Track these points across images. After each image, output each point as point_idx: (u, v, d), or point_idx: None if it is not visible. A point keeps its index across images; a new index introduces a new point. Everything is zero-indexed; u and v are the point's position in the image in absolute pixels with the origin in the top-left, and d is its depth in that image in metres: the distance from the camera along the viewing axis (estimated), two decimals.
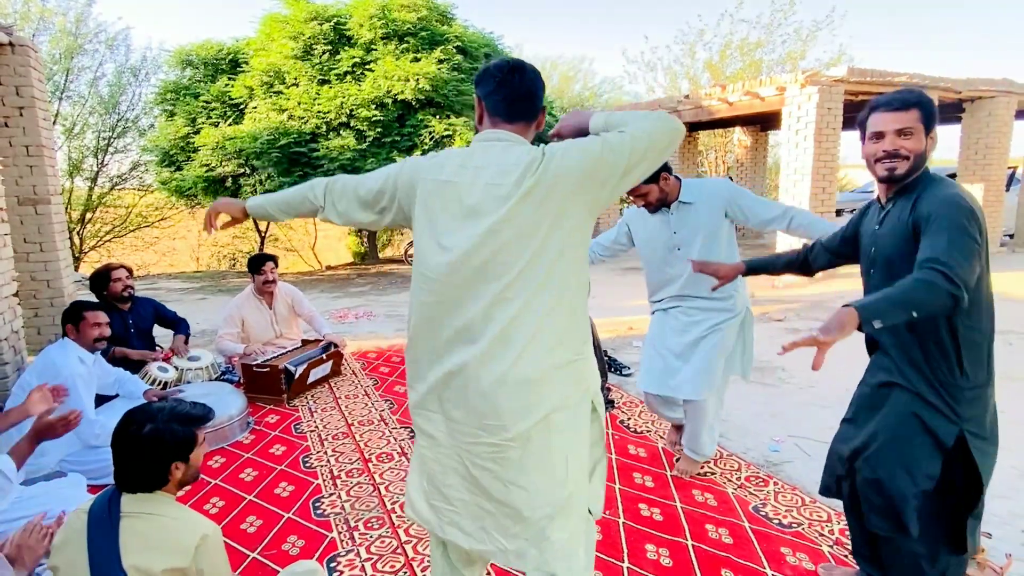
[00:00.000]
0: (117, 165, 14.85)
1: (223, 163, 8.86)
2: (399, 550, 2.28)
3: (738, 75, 15.75)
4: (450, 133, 8.56)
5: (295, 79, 9.29)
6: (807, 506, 2.57)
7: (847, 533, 2.34)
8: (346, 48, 9.25)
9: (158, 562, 1.47)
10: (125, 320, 3.89)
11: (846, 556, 2.21)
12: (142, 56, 14.36)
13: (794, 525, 2.42)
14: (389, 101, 8.68)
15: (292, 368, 3.85)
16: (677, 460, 2.94)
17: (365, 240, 13.22)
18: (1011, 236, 11.19)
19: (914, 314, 1.43)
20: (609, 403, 3.73)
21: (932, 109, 1.68)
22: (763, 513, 2.52)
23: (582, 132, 1.54)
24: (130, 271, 3.99)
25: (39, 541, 1.68)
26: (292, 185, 9.72)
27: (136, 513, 1.54)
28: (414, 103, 8.78)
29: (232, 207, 1.89)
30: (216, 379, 4.06)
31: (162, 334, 4.36)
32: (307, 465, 3.02)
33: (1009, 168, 10.29)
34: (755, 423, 3.53)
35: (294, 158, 8.74)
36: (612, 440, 3.25)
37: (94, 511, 1.53)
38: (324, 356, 4.18)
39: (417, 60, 8.80)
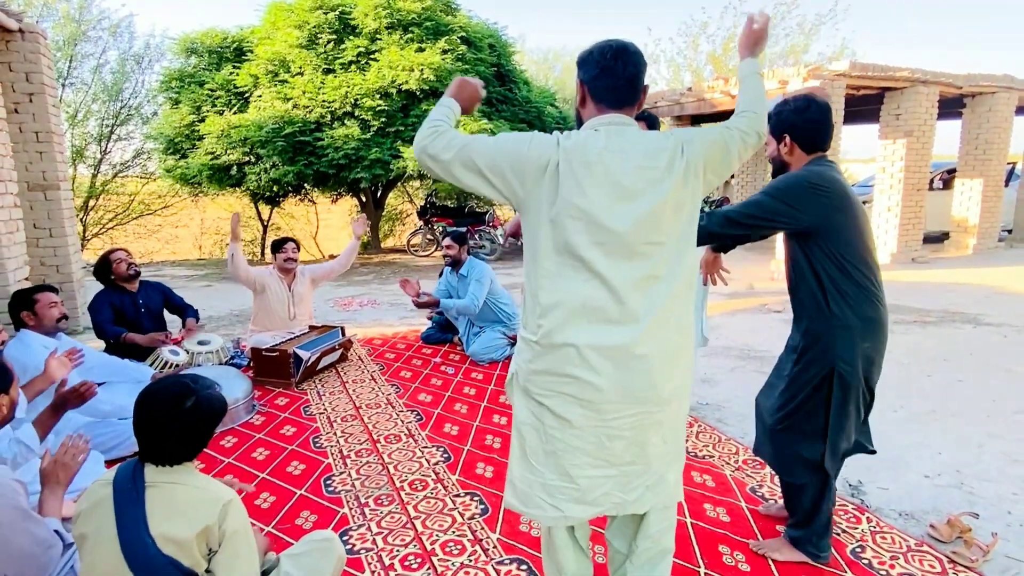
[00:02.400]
0: (120, 152, 14.88)
1: (228, 151, 8.91)
2: (408, 525, 2.37)
3: None
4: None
5: (300, 68, 9.33)
6: None
7: (839, 513, 2.44)
8: (351, 38, 9.28)
9: (185, 529, 1.51)
10: (136, 300, 3.97)
11: (838, 534, 2.30)
12: (145, 43, 14.35)
13: None
14: (393, 91, 8.72)
15: (304, 354, 3.92)
16: None
17: (368, 230, 13.28)
18: (1009, 231, 11.25)
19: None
20: None
21: (772, 119, 2.10)
22: (759, 494, 2.61)
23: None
24: (128, 252, 4.04)
25: (74, 458, 1.74)
26: (296, 174, 9.85)
27: (162, 483, 1.56)
28: (418, 93, 8.82)
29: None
30: (226, 362, 4.14)
31: (169, 320, 4.43)
32: (317, 445, 3.11)
33: (1008, 164, 10.34)
34: (753, 409, 3.61)
35: (298, 147, 8.80)
36: None
37: (119, 481, 1.55)
38: (337, 345, 4.26)
39: (421, 50, 8.83)
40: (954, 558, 2.15)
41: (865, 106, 9.74)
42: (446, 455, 2.97)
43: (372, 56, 9.05)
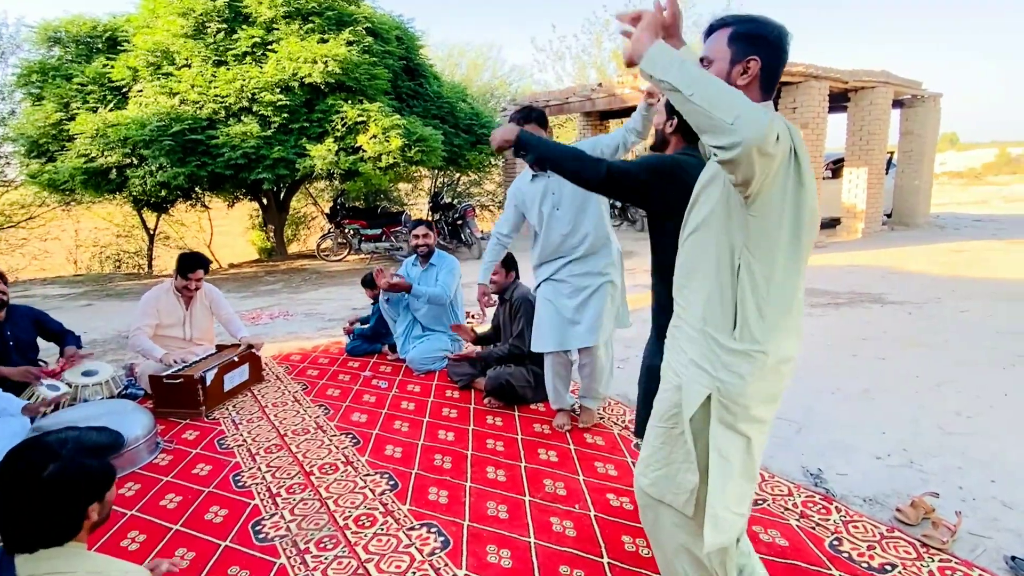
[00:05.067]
0: None
1: (105, 153, 7.94)
2: (360, 570, 2.06)
3: None
4: (364, 119, 8.14)
5: (187, 60, 8.49)
6: (767, 481, 2.60)
7: (808, 505, 2.40)
8: (244, 27, 8.55)
9: None
10: (2, 332, 3.34)
11: (813, 528, 2.25)
12: None
13: (759, 502, 2.44)
14: (296, 84, 8.12)
15: (202, 375, 3.46)
16: (578, 416, 3.25)
17: (272, 235, 12.40)
18: (889, 215, 12.29)
19: (560, 166, 1.96)
20: None
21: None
22: None
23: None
24: (2, 276, 3.41)
25: None
26: (188, 176, 8.87)
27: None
28: (323, 87, 8.27)
29: None
30: (119, 394, 3.59)
31: (45, 348, 3.78)
32: (239, 484, 2.70)
33: (887, 153, 11.26)
34: None
35: (189, 146, 7.98)
36: (568, 433, 3.16)
37: None
38: (236, 359, 3.80)
39: (324, 41, 8.29)
40: (926, 541, 2.15)
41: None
42: (392, 482, 2.67)
43: (269, 47, 8.39)
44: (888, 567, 2.02)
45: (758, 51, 1.36)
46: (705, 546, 1.40)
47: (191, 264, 3.92)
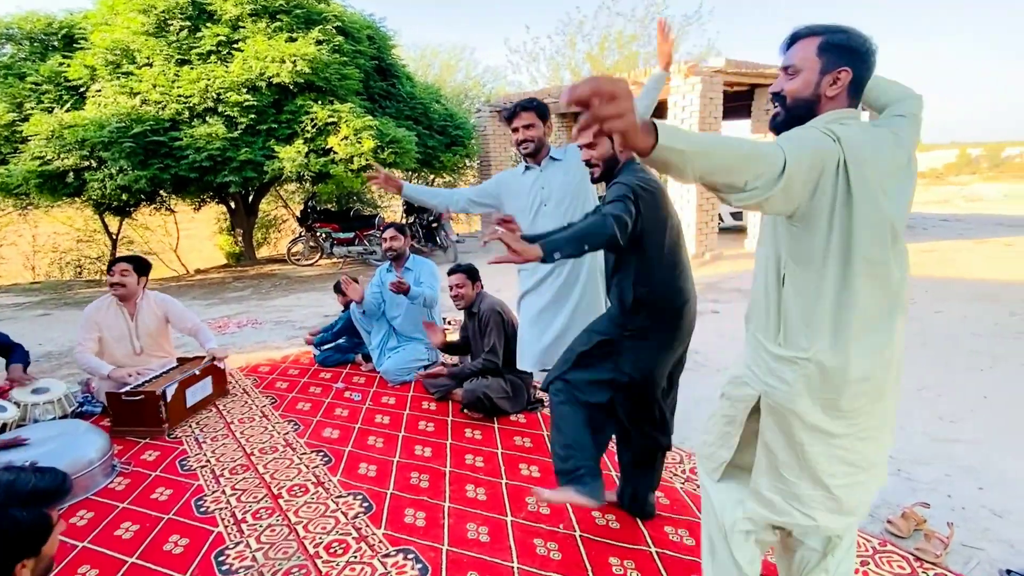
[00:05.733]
0: None
1: (62, 155, 7.59)
2: None
3: (617, 67, 16.24)
4: (335, 120, 7.93)
5: (148, 59, 8.17)
6: None
7: None
8: (208, 25, 8.26)
9: None
10: None
11: None
12: None
13: None
14: (263, 84, 7.87)
15: (164, 391, 3.27)
16: None
17: (240, 239, 12.06)
18: None
19: (587, 249, 1.84)
20: (539, 402, 3.53)
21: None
22: None
23: None
24: None
25: None
26: (150, 179, 8.49)
27: None
28: (292, 87, 8.04)
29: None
30: (73, 413, 3.37)
31: None
32: (202, 510, 2.53)
33: None
34: (685, 410, 3.49)
35: (151, 148, 7.67)
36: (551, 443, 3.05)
37: None
38: (198, 372, 3.60)
39: (293, 40, 8.05)
40: (919, 555, 2.09)
41: (735, 103, 10.29)
42: (366, 504, 2.52)
43: (235, 46, 8.12)
44: None
45: (850, 62, 1.34)
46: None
47: (114, 260, 3.71)
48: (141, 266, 3.75)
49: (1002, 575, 1.97)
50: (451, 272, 3.57)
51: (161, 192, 9.64)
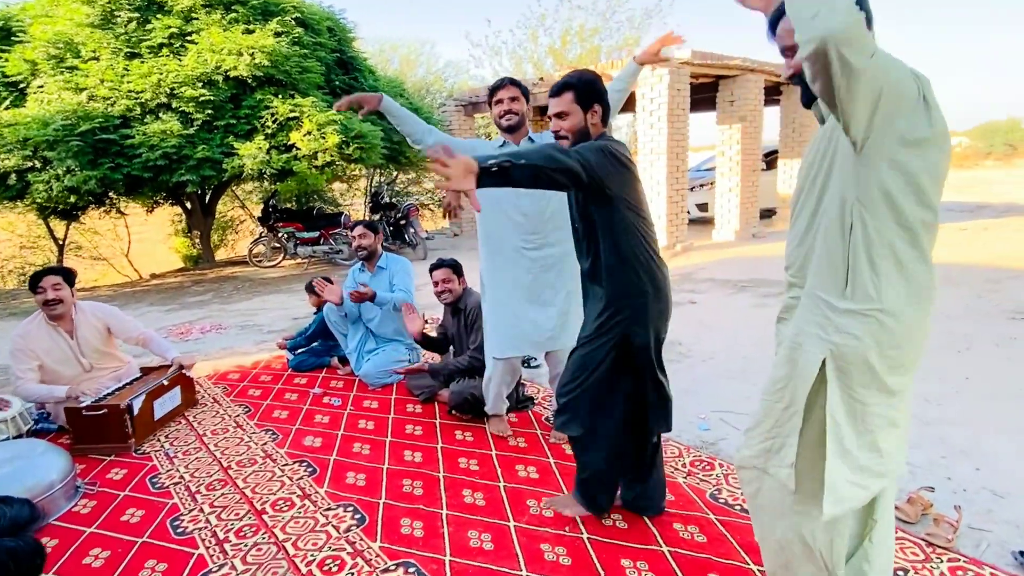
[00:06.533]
0: None
1: (2, 156, 7.11)
2: None
3: (580, 60, 16.24)
4: (296, 115, 7.65)
5: (94, 52, 7.73)
6: None
7: None
8: (158, 16, 7.87)
9: None
10: None
11: None
12: None
13: None
14: (219, 78, 7.53)
15: (129, 404, 3.05)
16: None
17: (197, 241, 11.59)
18: None
19: (536, 166, 1.65)
20: (528, 400, 3.43)
21: (585, 88, 2.06)
22: (721, 500, 2.39)
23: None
24: None
25: None
26: (100, 180, 8.03)
27: None
28: (250, 81, 7.72)
29: None
30: (29, 432, 3.11)
31: None
32: (179, 531, 2.34)
33: None
34: (676, 402, 3.44)
35: (101, 147, 7.26)
36: (546, 441, 2.96)
37: None
38: (166, 382, 3.38)
39: (250, 32, 7.73)
40: (931, 540, 2.07)
41: (700, 95, 10.39)
42: (358, 516, 2.38)
43: (188, 38, 7.75)
44: (900, 572, 1.92)
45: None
46: (824, 515, 1.38)
47: (38, 274, 3.28)
48: (69, 277, 3.37)
49: (1015, 557, 1.96)
50: (435, 267, 3.42)
51: (111, 194, 9.16)
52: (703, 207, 11.76)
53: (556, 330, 2.79)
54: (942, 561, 1.97)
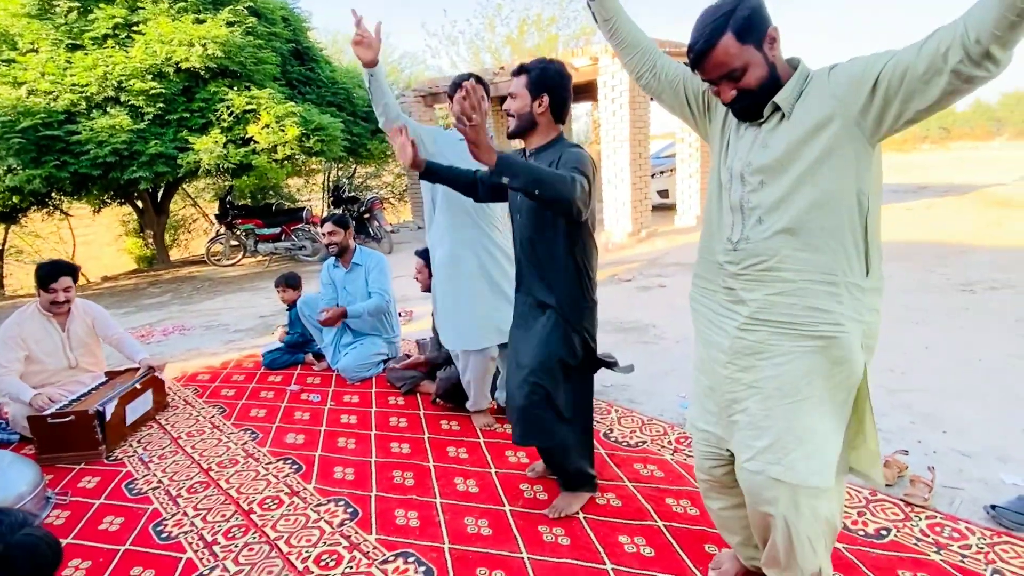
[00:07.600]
0: None
1: None
2: None
3: (538, 49, 16.22)
4: (253, 107, 7.42)
5: (32, 44, 7.32)
6: None
7: None
8: (101, 6, 7.50)
9: None
10: None
11: None
12: None
13: None
14: (170, 70, 7.24)
15: (101, 409, 2.93)
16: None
17: (151, 242, 11.16)
18: None
19: (537, 192, 1.74)
20: None
21: (538, 75, 2.06)
22: None
23: None
24: None
25: None
26: (45, 179, 7.79)
27: None
28: (203, 73, 7.45)
29: None
30: None
31: None
32: (164, 536, 2.27)
33: None
34: (654, 383, 3.52)
35: (45, 144, 6.90)
36: None
37: None
38: (139, 386, 3.27)
39: (201, 22, 7.45)
40: (909, 500, 2.17)
41: None
42: (351, 510, 2.35)
43: (135, 29, 7.42)
44: (884, 532, 2.01)
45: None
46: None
47: (52, 272, 3.21)
48: (76, 276, 3.37)
49: (987, 511, 2.07)
50: (417, 254, 3.40)
51: (55, 194, 8.73)
52: (664, 194, 11.94)
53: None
54: (921, 519, 2.07)
